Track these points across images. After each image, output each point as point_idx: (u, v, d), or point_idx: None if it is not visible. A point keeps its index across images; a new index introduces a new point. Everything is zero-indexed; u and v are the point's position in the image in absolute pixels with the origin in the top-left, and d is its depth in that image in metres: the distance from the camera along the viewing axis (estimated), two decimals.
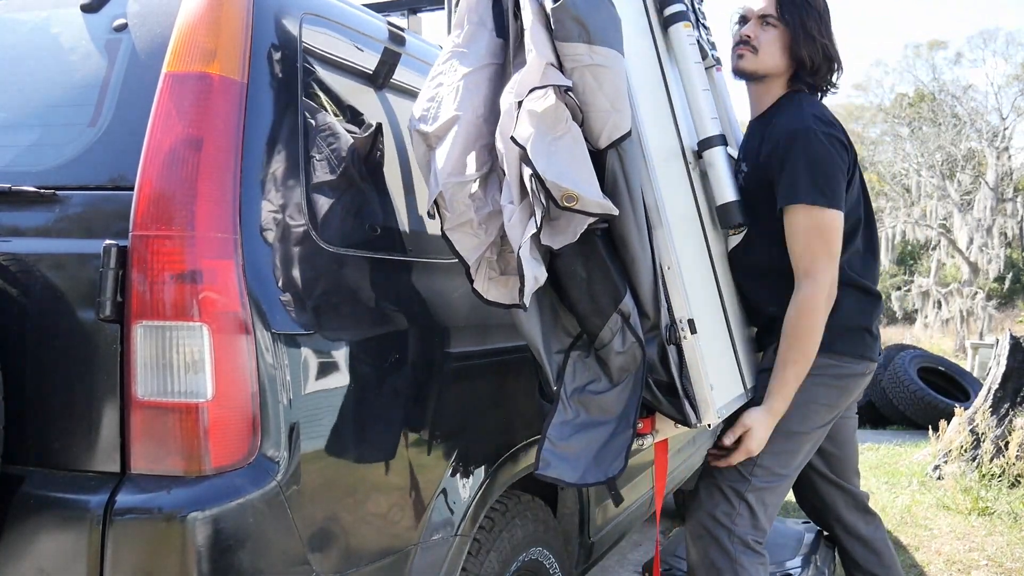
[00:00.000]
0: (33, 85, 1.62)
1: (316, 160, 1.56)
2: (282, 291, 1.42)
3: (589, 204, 1.59)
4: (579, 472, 1.77)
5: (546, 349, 1.81)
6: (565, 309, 1.86)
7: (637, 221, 1.73)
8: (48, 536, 1.32)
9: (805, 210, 2.07)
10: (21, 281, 1.40)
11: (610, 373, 1.84)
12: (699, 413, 1.89)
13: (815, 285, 2.07)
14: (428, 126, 1.70)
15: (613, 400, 1.83)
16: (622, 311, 1.77)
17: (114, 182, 1.42)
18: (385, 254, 1.73)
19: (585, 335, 1.85)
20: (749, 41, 2.22)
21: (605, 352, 1.81)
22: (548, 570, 2.18)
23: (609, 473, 1.78)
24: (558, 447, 1.77)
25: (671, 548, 3.33)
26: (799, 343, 2.08)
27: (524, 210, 1.62)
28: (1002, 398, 5.51)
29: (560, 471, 1.76)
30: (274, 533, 1.36)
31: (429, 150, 1.71)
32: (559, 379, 1.81)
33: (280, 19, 1.54)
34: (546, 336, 1.82)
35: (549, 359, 1.81)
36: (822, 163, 2.07)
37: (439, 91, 1.73)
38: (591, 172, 1.62)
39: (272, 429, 1.36)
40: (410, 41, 1.97)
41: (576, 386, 1.83)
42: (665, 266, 1.84)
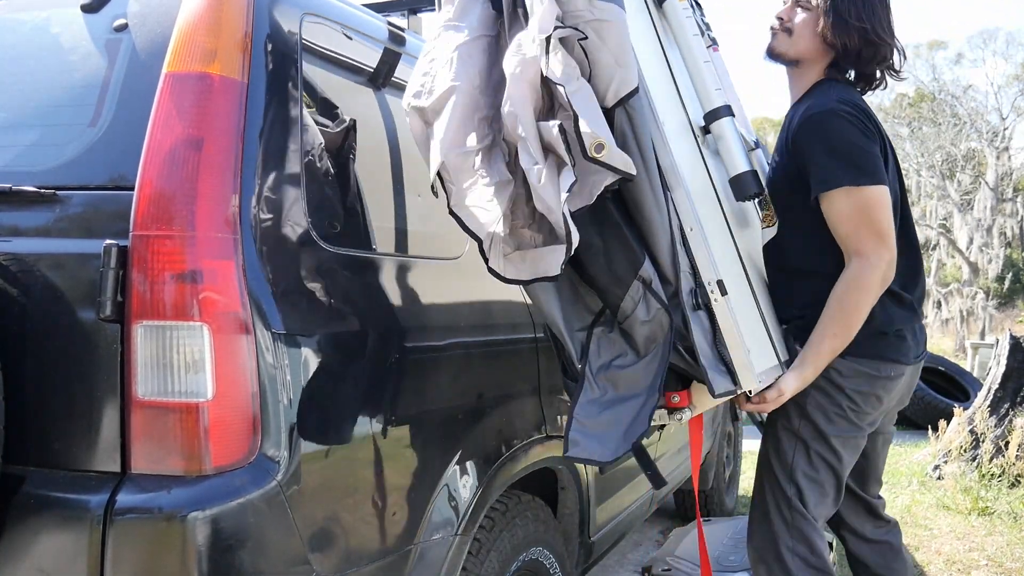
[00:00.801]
0: (33, 85, 1.62)
1: (316, 160, 1.56)
2: (282, 291, 1.42)
3: (614, 156, 1.52)
4: (610, 449, 1.72)
5: (567, 327, 1.77)
6: (585, 285, 1.80)
7: (651, 183, 1.67)
8: (48, 536, 1.32)
9: (844, 193, 1.97)
10: (21, 281, 1.40)
11: (636, 346, 1.78)
12: (737, 379, 1.83)
13: (865, 264, 1.97)
14: (424, 100, 1.66)
15: (641, 373, 1.77)
16: (643, 278, 1.71)
17: (114, 182, 1.42)
18: (385, 254, 1.73)
19: (607, 310, 1.80)
20: (784, 22, 2.16)
21: (629, 324, 1.75)
22: (548, 570, 2.18)
23: (633, 438, 1.72)
24: (587, 426, 1.72)
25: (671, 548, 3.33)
26: (843, 317, 1.99)
27: (552, 167, 1.56)
28: (1002, 398, 5.51)
29: (590, 451, 1.71)
30: (274, 533, 1.36)
31: (426, 126, 1.67)
32: (583, 357, 1.77)
33: (280, 19, 1.54)
34: (566, 314, 1.77)
35: (571, 337, 1.77)
36: (851, 142, 1.98)
37: (432, 65, 1.69)
38: (608, 126, 1.56)
39: (272, 429, 1.36)
40: (410, 41, 1.97)
41: (602, 363, 1.78)
42: (687, 227, 1.77)
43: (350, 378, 1.55)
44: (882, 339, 2.10)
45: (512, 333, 2.12)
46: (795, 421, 2.14)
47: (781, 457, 2.17)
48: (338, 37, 1.71)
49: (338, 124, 1.66)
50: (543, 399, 2.19)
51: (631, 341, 1.78)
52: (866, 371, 2.09)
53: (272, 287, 1.40)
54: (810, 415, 2.11)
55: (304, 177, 1.52)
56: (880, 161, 2.02)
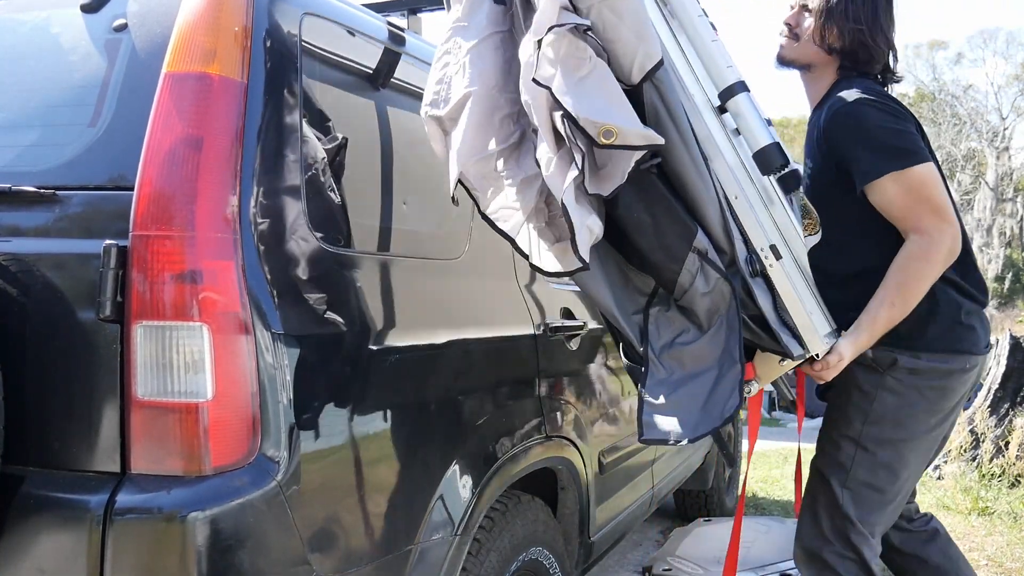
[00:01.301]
0: (33, 85, 1.62)
1: (316, 160, 1.56)
2: (282, 291, 1.42)
3: (629, 136, 1.49)
4: (689, 426, 1.69)
5: (622, 312, 1.74)
6: (633, 268, 1.78)
7: (691, 154, 1.64)
8: (48, 536, 1.32)
9: (891, 179, 1.94)
10: (21, 281, 1.40)
11: (698, 320, 1.75)
12: (804, 343, 1.79)
13: (926, 239, 1.92)
14: (440, 110, 1.65)
15: (707, 346, 1.74)
16: (698, 249, 1.69)
17: (114, 182, 1.42)
18: (386, 254, 1.73)
19: (661, 289, 1.77)
20: (792, 28, 2.16)
21: (688, 299, 1.73)
22: (548, 570, 2.18)
23: (725, 414, 1.69)
24: (659, 407, 1.70)
25: (671, 548, 3.33)
26: (903, 286, 1.94)
27: (563, 157, 1.54)
28: (1002, 398, 5.52)
29: (666, 431, 1.68)
30: (274, 533, 1.36)
31: (445, 135, 1.66)
32: (644, 340, 1.74)
33: (280, 19, 1.54)
34: (619, 299, 1.75)
35: (627, 322, 1.75)
36: (885, 127, 1.96)
37: (446, 71, 1.67)
38: (626, 104, 1.53)
39: (272, 429, 1.36)
40: (410, 41, 1.97)
41: (664, 343, 1.75)
42: (732, 196, 1.74)
43: (350, 378, 1.55)
44: (952, 331, 2.05)
45: (512, 333, 2.11)
46: (856, 426, 2.09)
47: (838, 464, 2.12)
48: (338, 37, 1.71)
49: (338, 124, 1.66)
50: (543, 399, 2.19)
51: (692, 316, 1.76)
52: (942, 367, 2.04)
53: (272, 287, 1.40)
54: (877, 420, 2.06)
55: (304, 177, 1.52)
56: (918, 139, 1.99)
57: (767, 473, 5.85)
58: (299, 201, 1.50)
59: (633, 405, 2.92)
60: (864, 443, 2.08)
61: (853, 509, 2.08)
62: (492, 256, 2.14)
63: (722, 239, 1.72)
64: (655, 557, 3.27)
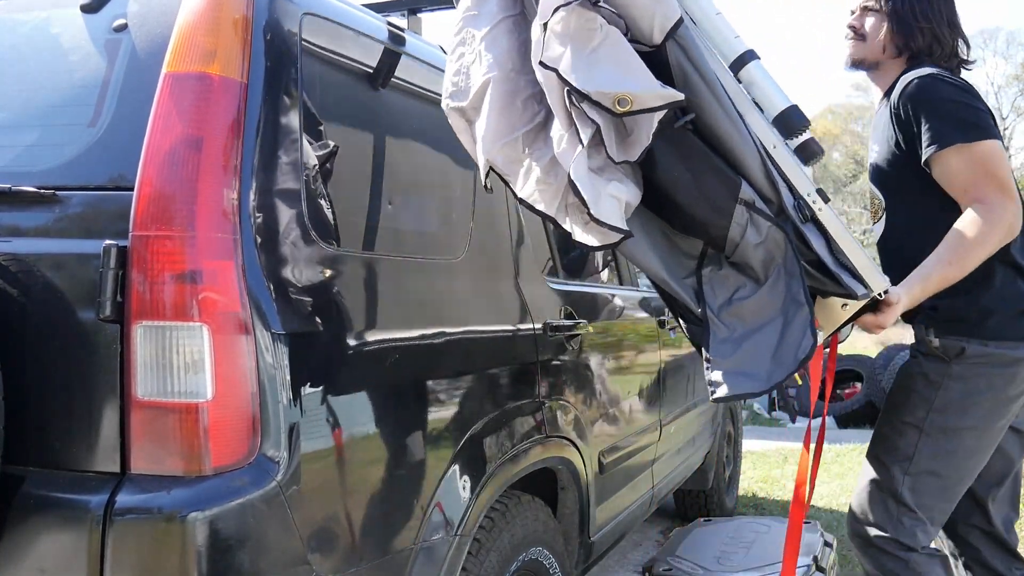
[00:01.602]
0: (33, 85, 1.62)
1: (316, 160, 1.56)
2: (282, 291, 1.42)
3: (646, 99, 1.49)
4: (762, 379, 1.69)
5: (674, 278, 1.74)
6: (678, 233, 1.78)
7: (724, 108, 1.63)
8: (48, 536, 1.32)
9: (955, 151, 1.93)
10: (21, 281, 1.40)
11: (755, 273, 1.74)
12: (866, 282, 1.77)
13: (987, 207, 1.91)
14: (461, 101, 1.65)
15: (767, 297, 1.73)
16: (744, 200, 1.68)
17: (114, 182, 1.42)
18: (385, 254, 1.73)
19: (710, 250, 1.77)
20: (857, 30, 2.17)
21: (741, 252, 1.72)
22: (548, 570, 2.18)
23: (800, 357, 1.67)
24: (726, 366, 1.69)
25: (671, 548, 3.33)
26: (962, 247, 1.92)
27: (574, 134, 1.54)
28: None
29: (739, 387, 1.68)
30: (274, 533, 1.36)
31: (469, 124, 1.66)
32: (700, 301, 1.73)
33: (280, 19, 1.54)
34: (669, 266, 1.75)
35: (681, 287, 1.74)
36: (956, 100, 1.96)
37: (462, 62, 1.68)
38: (641, 68, 1.52)
39: (272, 429, 1.36)
40: (410, 41, 1.97)
41: (721, 301, 1.75)
42: (770, 146, 1.73)
43: (350, 378, 1.55)
44: (1020, 319, 2.05)
45: (512, 333, 2.12)
46: (920, 414, 2.09)
47: (899, 451, 2.11)
48: (338, 37, 1.71)
49: (338, 124, 1.66)
50: (543, 399, 2.19)
51: (747, 271, 1.75)
52: (1010, 354, 2.04)
53: (272, 287, 1.40)
54: (943, 408, 2.06)
55: (304, 177, 1.52)
56: (989, 117, 1.99)
57: (767, 473, 5.85)
58: (299, 201, 1.50)
59: (634, 405, 2.92)
60: (928, 430, 2.07)
61: (912, 496, 2.08)
62: (492, 256, 2.14)
63: (767, 188, 1.71)
64: (655, 557, 3.26)
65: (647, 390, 3.09)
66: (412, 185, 1.90)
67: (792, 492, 2.10)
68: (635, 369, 3.01)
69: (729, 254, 1.74)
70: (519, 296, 2.19)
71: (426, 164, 1.97)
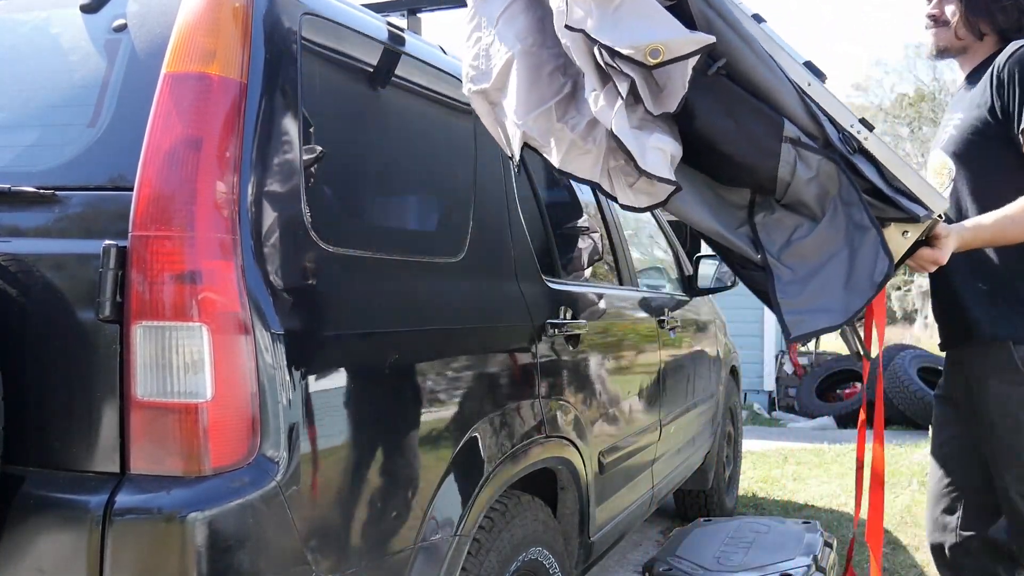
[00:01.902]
0: (33, 85, 1.62)
1: (315, 160, 1.56)
2: (282, 291, 1.42)
3: (677, 46, 1.48)
4: (839, 311, 1.68)
5: (727, 229, 1.73)
6: (723, 186, 1.77)
7: (755, 50, 1.62)
8: (48, 536, 1.32)
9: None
10: (21, 281, 1.40)
11: (810, 210, 1.73)
12: (924, 203, 1.74)
13: None
14: (484, 83, 1.65)
15: (827, 231, 1.71)
16: (789, 138, 1.66)
17: (114, 182, 1.42)
18: (385, 254, 1.73)
19: (758, 198, 1.75)
20: (937, 18, 2.13)
21: (794, 191, 1.70)
22: (548, 570, 2.18)
23: (876, 280, 1.67)
24: (798, 305, 1.68)
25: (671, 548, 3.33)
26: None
27: (609, 90, 1.54)
28: None
29: (817, 323, 1.67)
30: (274, 533, 1.36)
31: (493, 107, 1.66)
32: (759, 248, 1.72)
33: (279, 19, 1.54)
34: (720, 218, 1.74)
35: (736, 236, 1.73)
36: None
37: (479, 46, 1.68)
38: (667, 17, 1.51)
39: (272, 429, 1.36)
40: (410, 41, 1.97)
41: (780, 244, 1.73)
42: (804, 84, 1.71)
43: (349, 378, 1.55)
44: None
45: (512, 333, 2.12)
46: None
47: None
48: (338, 37, 1.71)
49: (338, 124, 1.66)
50: (542, 399, 2.19)
51: (802, 209, 1.74)
52: None
53: (271, 288, 1.40)
54: None
55: (303, 177, 1.52)
56: None
57: (767, 473, 5.85)
58: (299, 201, 1.50)
59: (634, 405, 2.92)
60: None
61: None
62: (492, 256, 2.14)
63: (809, 124, 1.69)
64: (655, 557, 3.26)
65: (647, 390, 3.09)
66: (411, 185, 1.90)
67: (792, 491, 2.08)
68: (635, 369, 3.01)
69: (780, 197, 1.73)
70: (519, 296, 2.19)
71: (425, 164, 1.97)
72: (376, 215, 1.76)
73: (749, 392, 9.34)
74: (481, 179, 2.11)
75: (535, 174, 2.49)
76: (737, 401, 4.92)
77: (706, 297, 4.18)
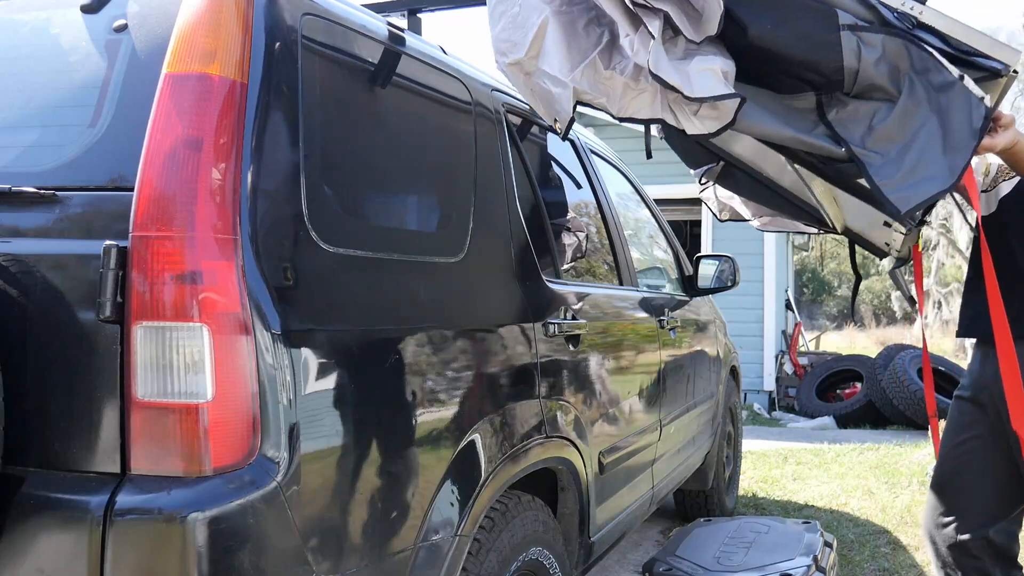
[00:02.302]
0: (33, 86, 1.62)
1: (315, 160, 1.56)
2: (282, 291, 1.42)
3: None
4: (944, 175, 1.66)
5: (804, 132, 1.71)
6: (787, 96, 1.76)
7: None
8: (48, 537, 1.32)
9: None
10: (21, 282, 1.40)
11: (885, 92, 1.71)
12: (998, 58, 1.71)
13: None
14: (518, 53, 1.66)
15: (909, 105, 1.70)
16: (845, 25, 1.65)
17: (114, 183, 1.42)
18: (385, 254, 1.73)
19: (823, 98, 1.75)
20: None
21: (863, 78, 1.68)
22: (548, 570, 2.18)
23: (975, 126, 1.64)
24: (900, 182, 1.66)
25: (671, 548, 3.33)
26: None
27: (642, 35, 1.54)
28: None
29: (924, 192, 1.66)
30: (274, 533, 1.36)
31: (528, 77, 1.66)
32: (841, 142, 1.71)
33: (280, 19, 1.54)
34: (793, 124, 1.73)
35: (814, 138, 1.72)
36: None
37: (506, 18, 1.69)
38: None
39: (272, 429, 1.36)
40: (410, 41, 1.97)
41: (861, 134, 1.72)
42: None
43: (349, 379, 1.55)
44: None
45: (512, 333, 2.12)
46: None
47: None
48: (338, 37, 1.71)
49: (338, 124, 1.66)
50: (543, 399, 2.19)
51: (877, 93, 1.72)
52: None
53: (271, 288, 1.40)
54: None
55: (303, 177, 1.52)
56: None
57: (767, 473, 5.85)
58: (299, 201, 1.50)
59: (634, 405, 2.92)
60: None
61: None
62: (492, 256, 2.14)
63: (860, 9, 1.68)
64: (655, 557, 3.26)
65: (647, 390, 3.09)
66: (412, 185, 1.90)
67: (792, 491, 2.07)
68: (635, 369, 3.01)
69: (849, 88, 1.71)
70: (519, 296, 2.19)
71: (426, 164, 1.97)
72: (376, 215, 1.76)
73: (749, 392, 9.34)
74: (481, 179, 2.11)
75: (535, 174, 2.49)
76: (737, 401, 4.92)
77: (706, 297, 4.18)
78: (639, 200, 3.83)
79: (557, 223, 2.63)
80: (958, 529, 2.25)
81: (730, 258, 3.99)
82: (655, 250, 3.97)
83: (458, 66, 2.15)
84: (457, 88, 2.10)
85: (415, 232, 1.89)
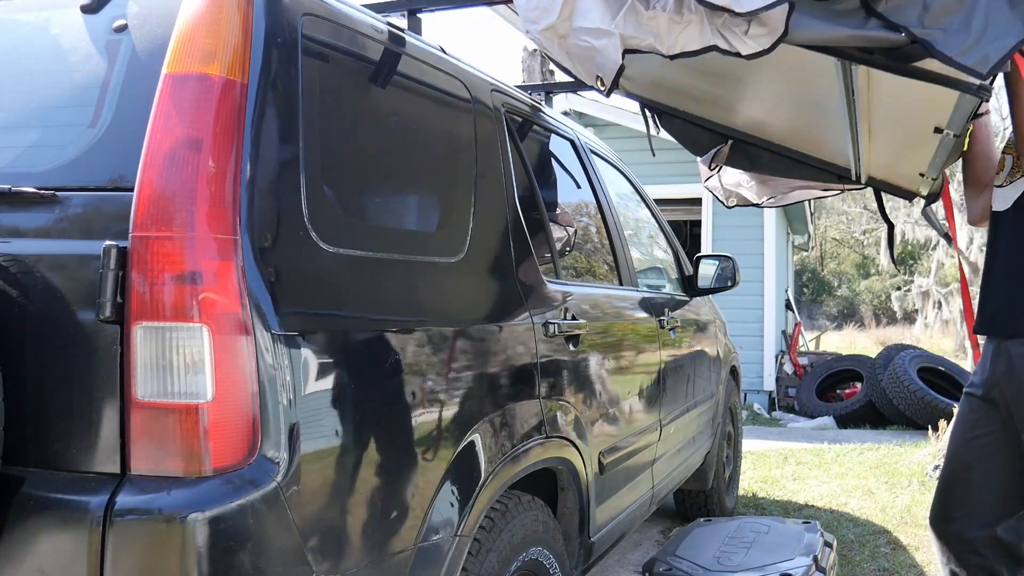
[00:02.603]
0: (33, 86, 1.62)
1: (315, 160, 1.56)
2: (282, 292, 1.42)
3: None
4: (1018, 28, 1.64)
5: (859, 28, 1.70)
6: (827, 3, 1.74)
7: None
8: (48, 537, 1.32)
9: None
10: (21, 282, 1.40)
11: None
12: None
13: None
14: (550, 18, 1.66)
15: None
16: None
17: (114, 183, 1.42)
18: (385, 254, 1.73)
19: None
20: None
21: None
22: (548, 570, 2.18)
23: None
24: (972, 46, 1.64)
25: (671, 548, 3.33)
26: None
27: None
28: None
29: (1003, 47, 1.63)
30: (274, 534, 1.36)
31: (563, 39, 1.66)
32: (897, 27, 1.68)
33: (280, 19, 1.54)
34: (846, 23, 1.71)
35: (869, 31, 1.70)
36: None
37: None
38: None
39: (272, 430, 1.36)
40: (410, 41, 1.97)
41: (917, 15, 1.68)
42: None
43: (349, 379, 1.55)
44: None
45: (512, 333, 2.12)
46: None
47: None
48: (338, 37, 1.71)
49: (338, 124, 1.66)
50: (543, 400, 2.19)
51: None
52: None
53: (271, 288, 1.40)
54: None
55: (303, 178, 1.52)
56: None
57: (767, 473, 5.85)
58: (299, 201, 1.50)
59: (634, 405, 2.92)
60: None
61: None
62: (492, 256, 2.14)
63: None
64: (655, 557, 3.26)
65: (647, 390, 3.09)
66: (412, 185, 1.90)
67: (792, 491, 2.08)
68: (635, 369, 3.01)
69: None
70: (519, 296, 2.19)
71: (426, 164, 1.97)
72: (376, 215, 1.76)
73: (749, 392, 9.34)
74: (481, 179, 2.11)
75: (535, 174, 2.49)
76: (737, 401, 4.92)
77: (706, 297, 4.18)
78: (639, 200, 3.82)
79: (557, 223, 2.63)
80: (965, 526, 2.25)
81: (730, 258, 3.99)
82: (655, 250, 3.97)
83: (458, 66, 2.15)
84: (457, 88, 2.10)
85: (415, 232, 1.89)
